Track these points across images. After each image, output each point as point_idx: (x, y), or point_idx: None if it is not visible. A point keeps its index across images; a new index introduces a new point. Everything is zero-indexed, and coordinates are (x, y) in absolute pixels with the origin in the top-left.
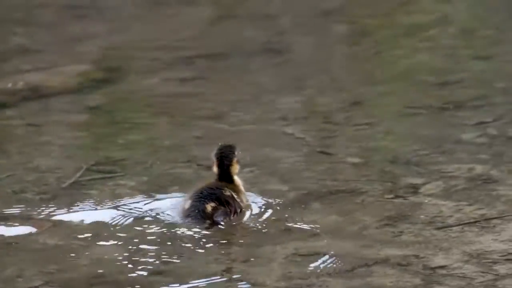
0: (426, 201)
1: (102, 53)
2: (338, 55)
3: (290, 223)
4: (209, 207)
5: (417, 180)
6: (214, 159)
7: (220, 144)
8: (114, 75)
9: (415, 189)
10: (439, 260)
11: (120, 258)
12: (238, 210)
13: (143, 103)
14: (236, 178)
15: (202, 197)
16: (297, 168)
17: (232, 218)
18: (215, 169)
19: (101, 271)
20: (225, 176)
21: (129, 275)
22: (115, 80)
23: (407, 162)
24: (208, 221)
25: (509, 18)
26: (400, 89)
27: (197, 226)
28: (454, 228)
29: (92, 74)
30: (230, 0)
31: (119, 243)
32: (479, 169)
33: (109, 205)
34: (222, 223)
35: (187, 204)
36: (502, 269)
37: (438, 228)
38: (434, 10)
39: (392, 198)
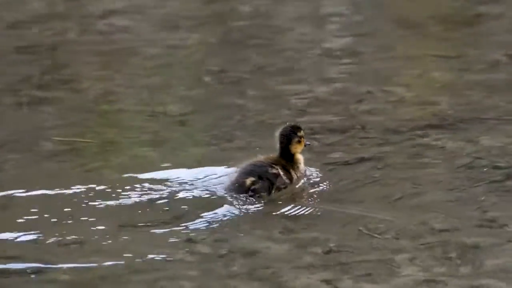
0: None
1: None
2: (45, 171)
3: None
4: (248, 181)
5: None
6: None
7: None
8: None
9: None
10: None
11: None
12: (282, 186)
13: None
14: (298, 156)
15: (244, 172)
16: None
17: (273, 193)
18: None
19: None
20: (285, 153)
21: None
22: None
23: None
24: (246, 194)
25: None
26: (111, 205)
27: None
28: None
29: None
30: None
31: None
32: None
33: None
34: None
35: (233, 177)
36: None
37: None
38: (143, 129)
39: None
